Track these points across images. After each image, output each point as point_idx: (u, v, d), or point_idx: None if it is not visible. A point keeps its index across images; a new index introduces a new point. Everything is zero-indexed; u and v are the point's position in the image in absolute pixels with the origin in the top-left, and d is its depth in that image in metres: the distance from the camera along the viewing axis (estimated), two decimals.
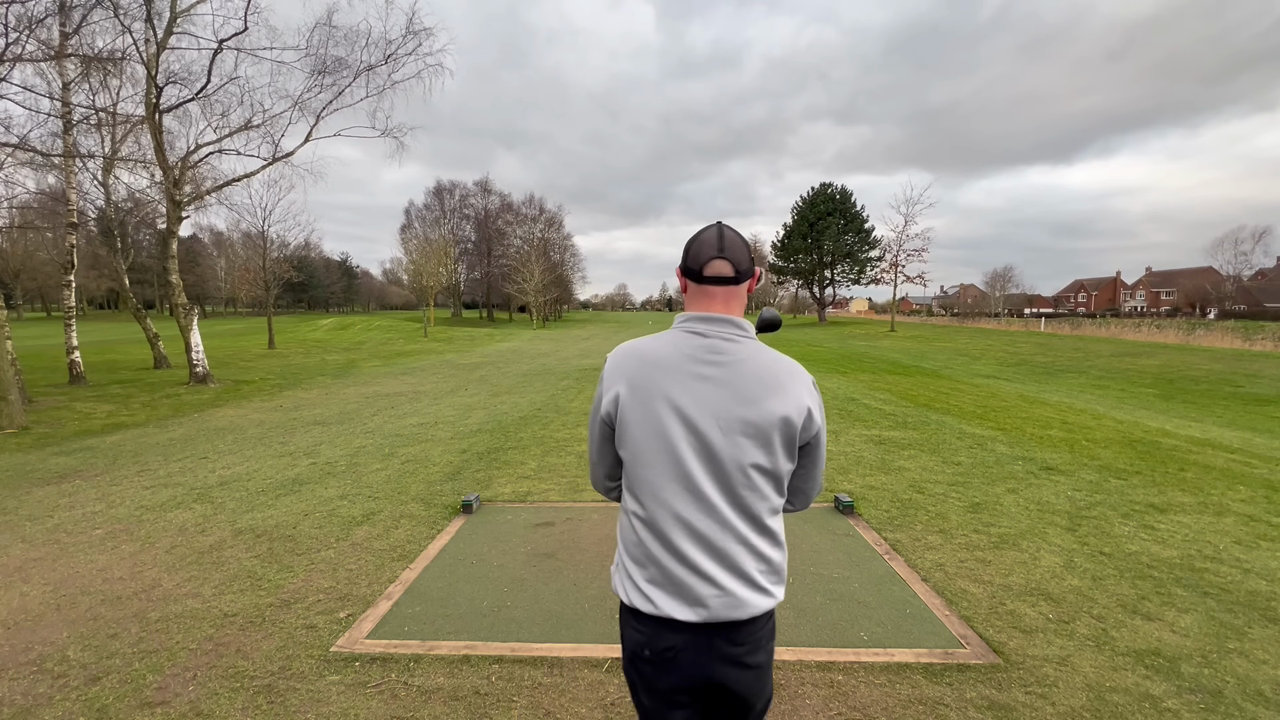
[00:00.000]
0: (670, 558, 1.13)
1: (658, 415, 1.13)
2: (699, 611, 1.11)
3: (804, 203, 53.26)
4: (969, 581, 3.20)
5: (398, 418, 8.41)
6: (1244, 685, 2.29)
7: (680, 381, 1.14)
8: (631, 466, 1.17)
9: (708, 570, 1.11)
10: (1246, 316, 48.70)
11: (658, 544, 1.14)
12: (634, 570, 1.17)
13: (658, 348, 1.19)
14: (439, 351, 24.27)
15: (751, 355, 1.16)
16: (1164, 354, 21.04)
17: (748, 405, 1.12)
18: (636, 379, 1.16)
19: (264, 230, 24.26)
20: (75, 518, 4.33)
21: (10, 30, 7.97)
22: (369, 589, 3.15)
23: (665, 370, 1.15)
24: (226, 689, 2.30)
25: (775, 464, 1.14)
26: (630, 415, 1.16)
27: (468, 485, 5.03)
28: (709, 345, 1.16)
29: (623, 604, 1.21)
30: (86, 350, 17.07)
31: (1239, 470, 5.53)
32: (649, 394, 1.14)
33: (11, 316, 18.22)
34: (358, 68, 13.39)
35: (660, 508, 1.14)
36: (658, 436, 1.13)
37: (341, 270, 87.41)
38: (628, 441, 1.17)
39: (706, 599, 1.11)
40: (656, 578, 1.14)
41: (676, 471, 1.13)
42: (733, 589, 1.12)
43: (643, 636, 1.16)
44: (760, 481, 1.13)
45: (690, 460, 1.12)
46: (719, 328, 1.18)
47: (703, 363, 1.15)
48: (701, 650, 1.13)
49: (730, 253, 1.19)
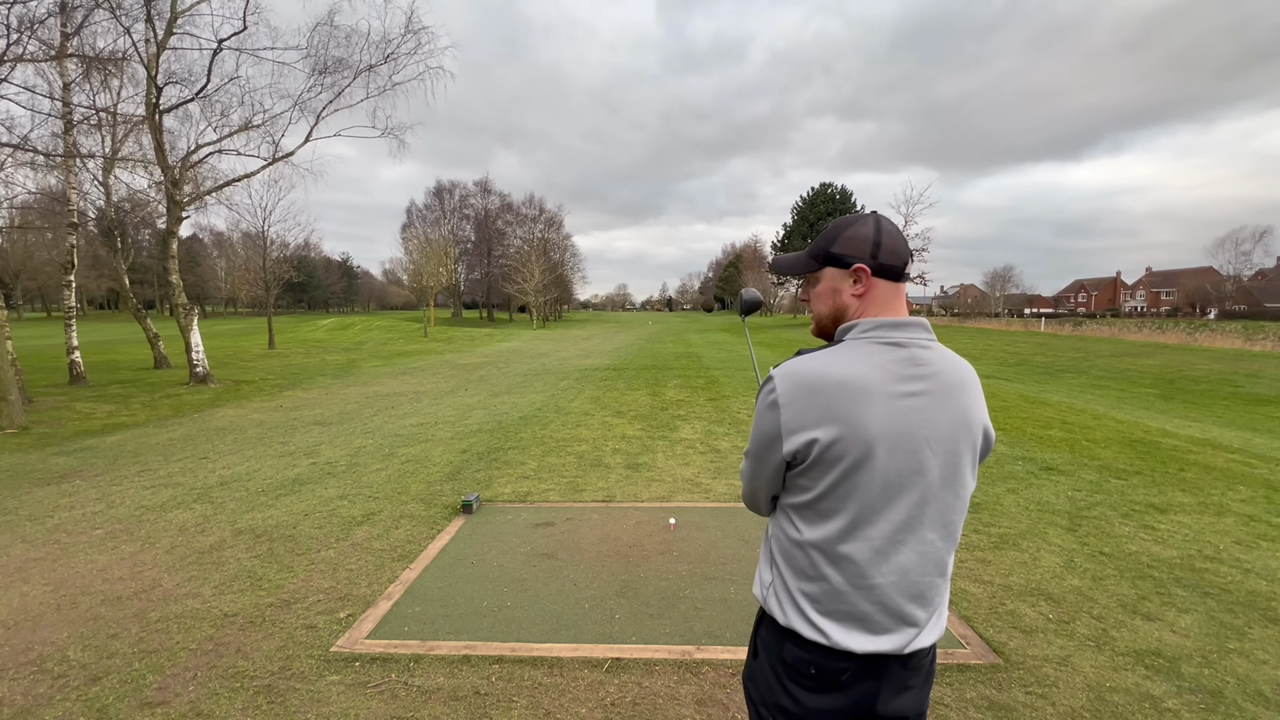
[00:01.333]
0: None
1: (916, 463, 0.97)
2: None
3: (804, 203, 53.34)
4: (969, 581, 3.19)
5: (398, 418, 8.41)
6: (1244, 685, 2.29)
7: (932, 411, 0.98)
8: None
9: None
10: (1246, 317, 48.71)
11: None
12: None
13: (863, 372, 0.97)
14: (439, 352, 24.28)
15: (960, 369, 1.04)
16: (1164, 354, 21.04)
17: (970, 423, 1.01)
18: (871, 415, 0.95)
19: (264, 230, 24.27)
20: (75, 518, 4.33)
21: (11, 30, 7.97)
22: (369, 589, 3.15)
23: (893, 400, 0.96)
24: (226, 689, 2.30)
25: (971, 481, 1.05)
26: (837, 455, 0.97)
27: (468, 485, 5.03)
28: (910, 357, 1.00)
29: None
30: (86, 350, 17.07)
31: (1239, 470, 5.53)
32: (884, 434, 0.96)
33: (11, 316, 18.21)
34: (358, 68, 13.41)
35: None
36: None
37: (341, 270, 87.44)
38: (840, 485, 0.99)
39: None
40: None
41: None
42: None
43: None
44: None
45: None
46: (919, 333, 1.02)
47: (930, 389, 0.99)
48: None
49: (901, 246, 1.06)
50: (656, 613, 2.88)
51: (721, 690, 2.30)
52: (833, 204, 50.96)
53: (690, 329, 47.30)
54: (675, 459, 5.90)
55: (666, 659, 2.49)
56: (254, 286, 28.31)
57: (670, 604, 2.96)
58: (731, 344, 27.57)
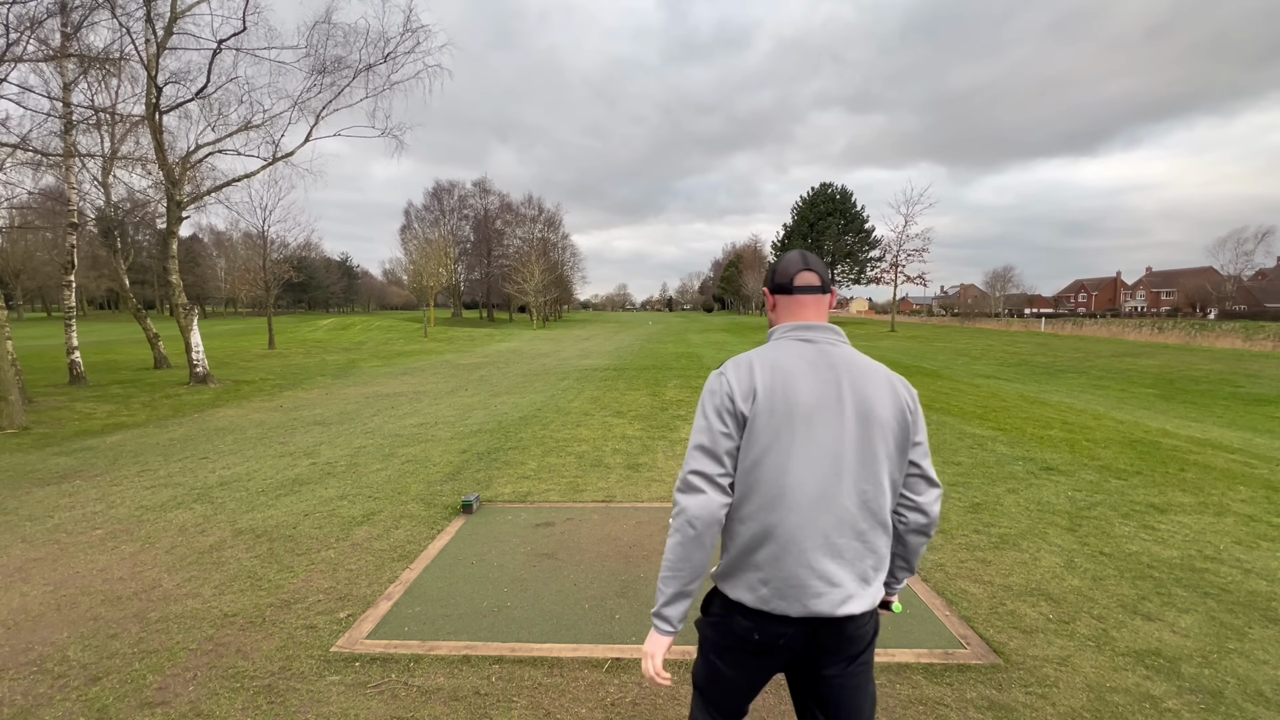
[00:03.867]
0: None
1: (810, 422, 1.22)
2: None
3: (804, 203, 53.35)
4: (969, 582, 3.19)
5: (398, 418, 8.41)
6: (1244, 685, 2.29)
7: (829, 380, 1.25)
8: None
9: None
10: (1247, 317, 48.73)
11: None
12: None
13: (782, 357, 1.27)
14: (439, 352, 24.28)
15: (863, 357, 1.31)
16: (1164, 354, 21.05)
17: (885, 398, 1.26)
18: (777, 382, 1.23)
19: (264, 230, 24.27)
20: (75, 518, 4.33)
21: (11, 30, 7.97)
22: (369, 589, 3.15)
23: (802, 374, 1.24)
24: (226, 689, 2.30)
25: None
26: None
27: (468, 485, 5.03)
28: (829, 353, 1.28)
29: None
30: (87, 350, 17.07)
31: (1239, 470, 5.53)
32: (798, 400, 1.23)
33: (11, 316, 18.21)
34: (357, 67, 13.40)
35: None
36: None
37: (341, 270, 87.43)
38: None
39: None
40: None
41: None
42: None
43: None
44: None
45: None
46: (829, 334, 1.31)
47: (833, 366, 1.26)
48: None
49: (815, 265, 1.36)
50: None
51: None
52: (833, 204, 50.95)
53: (690, 329, 47.30)
54: (675, 459, 5.90)
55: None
56: (254, 286, 28.30)
57: None
58: (732, 344, 27.57)
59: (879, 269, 48.62)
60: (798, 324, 1.32)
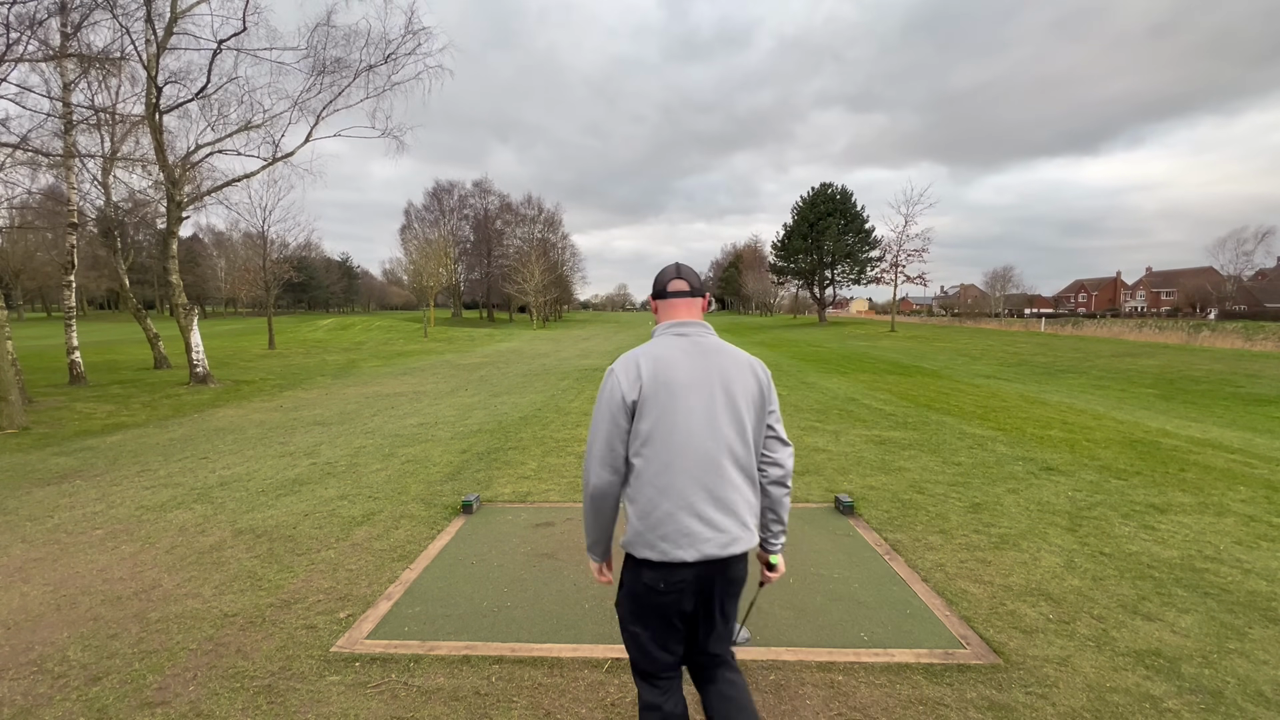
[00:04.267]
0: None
1: (688, 400, 1.53)
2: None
3: (804, 203, 53.24)
4: (969, 582, 3.19)
5: (398, 418, 8.41)
6: (1244, 686, 2.29)
7: (699, 367, 1.56)
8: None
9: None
10: (1247, 317, 48.73)
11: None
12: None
13: (661, 349, 1.58)
14: (439, 352, 24.27)
15: (728, 346, 1.63)
16: (1164, 354, 21.04)
17: (744, 377, 1.59)
18: (661, 369, 1.54)
19: (264, 230, 24.26)
20: (75, 518, 4.33)
21: (11, 30, 7.97)
22: (369, 589, 3.15)
23: (680, 361, 1.55)
24: (226, 689, 2.30)
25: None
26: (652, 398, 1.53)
27: (468, 485, 5.03)
28: (700, 343, 1.60)
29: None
30: (87, 350, 17.08)
31: (1239, 470, 5.53)
32: (677, 381, 1.53)
33: (11, 316, 18.20)
34: (357, 68, 13.40)
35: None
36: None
37: (341, 270, 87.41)
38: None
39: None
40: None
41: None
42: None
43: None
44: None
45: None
46: (699, 329, 1.63)
47: (704, 354, 1.58)
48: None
49: (686, 275, 1.69)
50: None
51: None
52: (833, 203, 50.82)
53: None
54: None
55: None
56: (254, 286, 28.29)
57: None
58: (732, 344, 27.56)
59: (879, 269, 48.57)
60: (674, 322, 1.64)
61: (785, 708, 2.19)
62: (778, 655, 2.51)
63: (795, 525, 4.02)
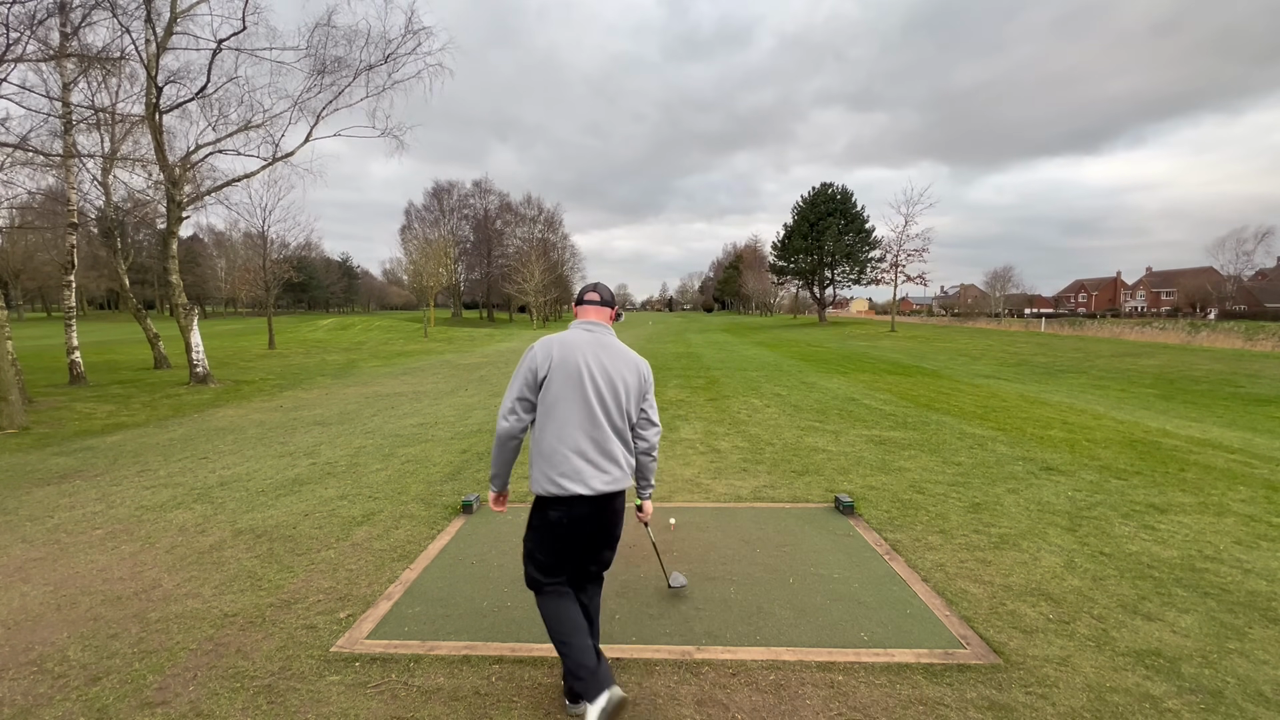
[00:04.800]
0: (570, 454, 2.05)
1: (581, 375, 2.06)
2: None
3: (804, 203, 53.22)
4: (969, 582, 3.19)
5: (398, 418, 8.41)
6: (1244, 686, 2.29)
7: (594, 355, 2.10)
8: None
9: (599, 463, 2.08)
10: (1247, 316, 48.71)
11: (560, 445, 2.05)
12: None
13: (571, 337, 2.13)
14: (439, 352, 24.27)
15: (623, 347, 2.18)
16: (1164, 354, 21.04)
17: (627, 372, 2.13)
18: (566, 353, 2.08)
19: (264, 230, 24.27)
20: (75, 518, 4.33)
21: (10, 30, 7.97)
22: (369, 589, 3.15)
23: (583, 348, 2.10)
24: (226, 689, 2.30)
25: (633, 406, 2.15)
26: (556, 373, 2.07)
27: (468, 485, 5.03)
28: (600, 339, 2.15)
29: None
30: (87, 350, 17.07)
31: (1239, 470, 5.53)
32: (574, 362, 2.07)
33: (11, 316, 18.20)
34: (357, 67, 13.39)
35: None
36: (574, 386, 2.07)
37: (341, 270, 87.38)
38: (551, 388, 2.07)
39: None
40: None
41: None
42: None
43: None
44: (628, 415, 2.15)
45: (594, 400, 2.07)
46: (602, 330, 2.20)
47: (602, 348, 2.12)
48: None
49: (598, 289, 2.29)
50: (656, 613, 2.88)
51: (721, 690, 2.29)
52: (833, 204, 50.78)
53: (690, 329, 47.32)
54: (675, 459, 5.90)
55: (666, 659, 2.49)
56: (254, 286, 28.30)
57: (670, 604, 2.96)
58: (732, 344, 27.57)
59: (879, 269, 48.53)
60: (585, 321, 2.20)
61: (785, 708, 2.19)
62: (778, 655, 2.51)
63: (795, 525, 4.02)
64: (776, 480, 5.17)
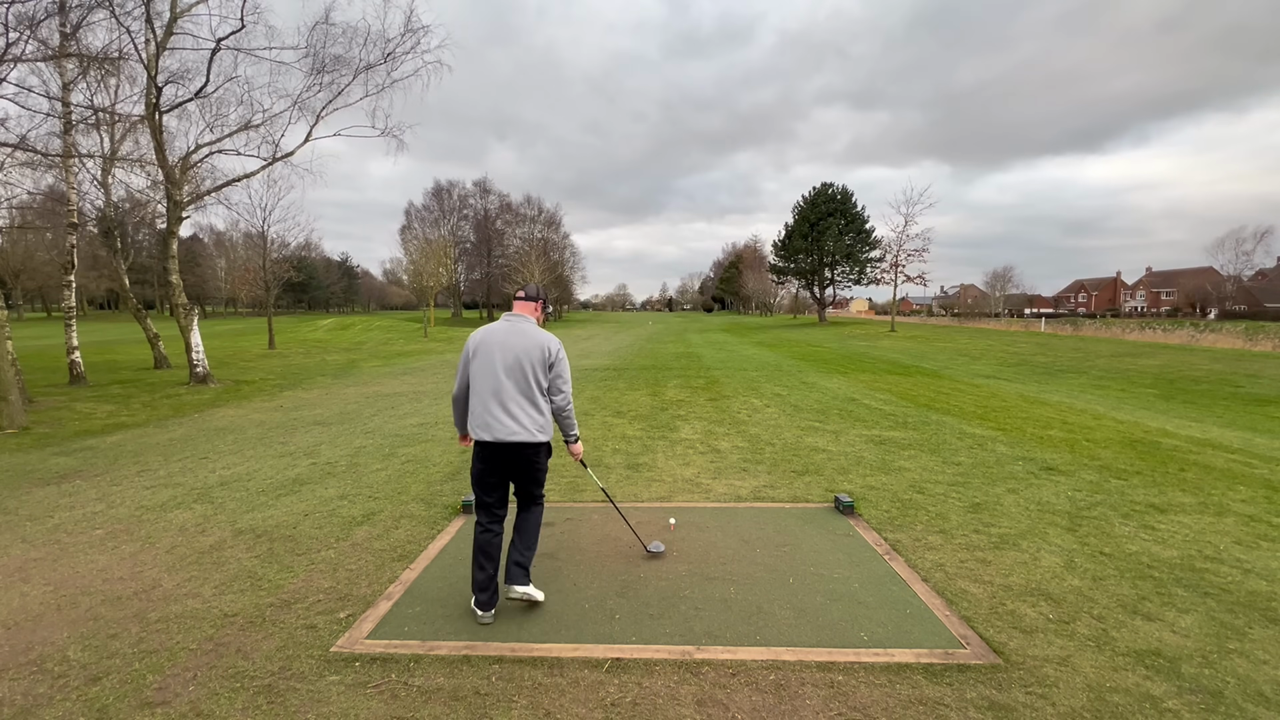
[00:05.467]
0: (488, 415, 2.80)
1: (492, 354, 2.83)
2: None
3: (805, 203, 53.23)
4: (969, 582, 3.19)
5: (398, 418, 8.41)
6: (1244, 686, 2.29)
7: (504, 338, 2.85)
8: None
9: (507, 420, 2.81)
10: (1247, 316, 48.71)
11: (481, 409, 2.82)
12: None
13: (493, 326, 2.90)
14: (439, 352, 24.28)
15: (533, 330, 2.89)
16: (1164, 354, 21.04)
17: (532, 348, 2.83)
18: (485, 338, 2.87)
19: (264, 230, 24.28)
20: (75, 518, 4.33)
21: (10, 30, 7.97)
22: (369, 589, 3.15)
23: (497, 334, 2.86)
24: (226, 689, 2.30)
25: (541, 376, 2.85)
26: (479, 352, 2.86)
27: (468, 485, 5.02)
28: (515, 326, 2.88)
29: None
30: (87, 350, 17.07)
31: (1239, 470, 5.53)
32: (489, 344, 2.85)
33: (11, 316, 18.18)
34: (356, 66, 13.39)
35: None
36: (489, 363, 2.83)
37: (341, 270, 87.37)
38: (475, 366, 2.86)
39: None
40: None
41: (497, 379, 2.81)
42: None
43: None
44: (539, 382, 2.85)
45: (503, 374, 2.80)
46: (520, 319, 2.92)
47: (514, 333, 2.86)
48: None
49: (526, 289, 3.02)
50: (656, 613, 2.88)
51: (722, 690, 2.29)
52: (833, 203, 50.78)
53: (690, 329, 47.32)
54: (675, 459, 5.90)
55: (666, 659, 2.49)
56: (254, 286, 28.31)
57: (670, 604, 2.96)
58: (732, 344, 27.57)
59: (879, 269, 48.52)
60: (510, 314, 2.96)
61: (785, 708, 2.19)
62: (778, 655, 2.51)
63: (795, 525, 4.02)
64: (776, 480, 5.17)
